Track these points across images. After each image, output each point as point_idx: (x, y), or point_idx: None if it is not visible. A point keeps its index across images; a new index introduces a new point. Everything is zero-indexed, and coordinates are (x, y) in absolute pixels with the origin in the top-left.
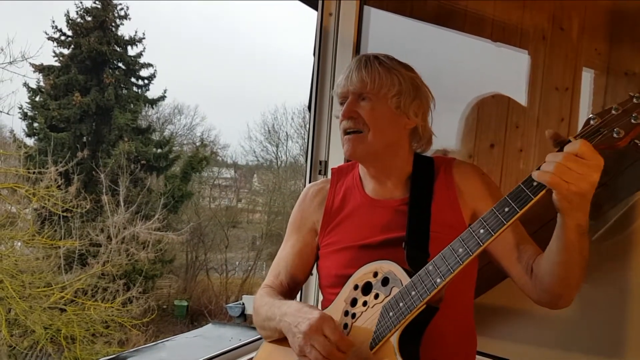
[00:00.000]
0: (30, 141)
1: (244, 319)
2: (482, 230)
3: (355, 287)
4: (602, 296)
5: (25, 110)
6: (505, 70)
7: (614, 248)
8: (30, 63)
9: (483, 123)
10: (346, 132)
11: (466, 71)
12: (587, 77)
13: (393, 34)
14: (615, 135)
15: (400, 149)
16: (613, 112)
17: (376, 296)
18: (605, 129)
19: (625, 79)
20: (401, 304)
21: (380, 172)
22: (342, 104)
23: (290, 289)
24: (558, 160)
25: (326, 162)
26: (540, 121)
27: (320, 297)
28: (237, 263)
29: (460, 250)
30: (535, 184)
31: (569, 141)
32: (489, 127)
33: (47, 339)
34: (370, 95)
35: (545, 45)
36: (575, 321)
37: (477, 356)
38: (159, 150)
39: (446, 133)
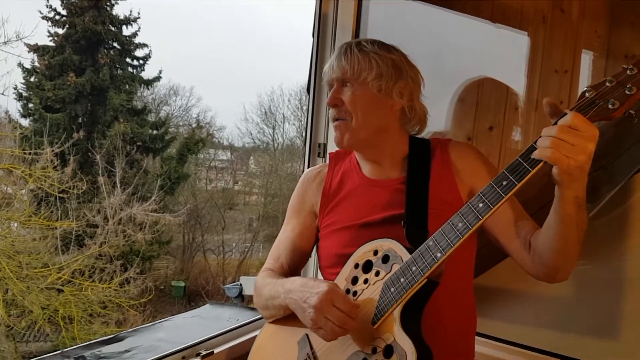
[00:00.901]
0: (25, 122)
1: (242, 300)
2: (481, 205)
3: (356, 266)
4: (598, 275)
5: (20, 91)
6: (505, 52)
7: (609, 226)
8: (24, 43)
9: (482, 105)
10: (334, 120)
11: (466, 53)
12: (587, 60)
13: (392, 16)
14: (610, 106)
15: (390, 130)
16: (607, 84)
17: (377, 273)
18: (600, 100)
19: (625, 62)
20: (402, 280)
21: (374, 155)
22: (329, 92)
23: (291, 272)
24: (552, 134)
25: (325, 145)
26: (540, 103)
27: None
28: (234, 245)
29: (460, 224)
30: (532, 156)
31: (565, 114)
32: (488, 109)
33: (44, 319)
34: (351, 80)
35: (545, 27)
36: (573, 301)
37: (475, 337)
38: (155, 132)
39: (445, 113)
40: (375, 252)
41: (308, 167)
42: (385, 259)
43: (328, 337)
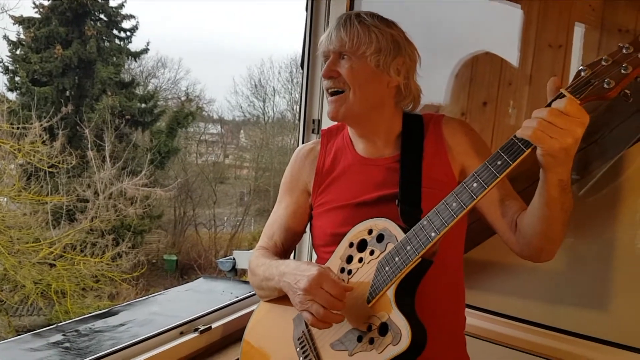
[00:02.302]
0: (12, 95)
1: (235, 274)
2: (475, 184)
3: (351, 245)
4: (588, 249)
5: (6, 64)
6: (498, 26)
7: (599, 202)
8: (9, 15)
9: (476, 81)
10: (329, 93)
11: (459, 27)
12: (580, 33)
13: None
14: (605, 85)
15: (385, 107)
16: (603, 63)
17: (371, 252)
18: (596, 79)
19: (619, 36)
20: (397, 259)
21: (368, 132)
22: (324, 62)
23: (285, 250)
24: (542, 116)
25: (319, 121)
26: (533, 78)
27: (314, 257)
28: (225, 218)
29: (454, 204)
30: (517, 135)
31: (561, 94)
32: (481, 85)
33: (37, 294)
34: (349, 53)
35: (539, 1)
36: (562, 274)
37: (465, 309)
38: (144, 105)
39: (440, 88)
40: (370, 231)
41: (303, 143)
42: (380, 238)
43: (313, 321)
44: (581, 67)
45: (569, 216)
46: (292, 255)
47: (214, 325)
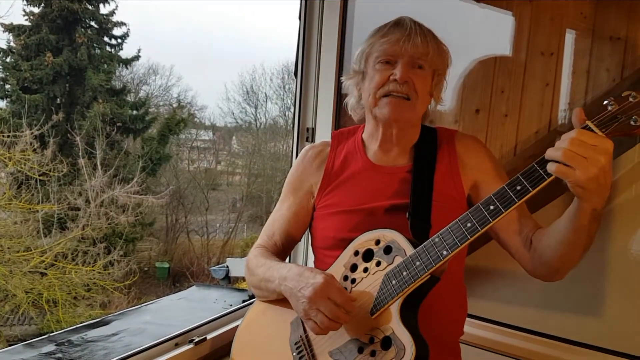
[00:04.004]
0: (2, 103)
1: (229, 282)
2: (492, 207)
3: (356, 253)
4: (584, 257)
5: None
6: (490, 33)
7: None
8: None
9: (468, 88)
10: (388, 94)
11: (450, 34)
12: (571, 40)
13: None
14: (632, 123)
15: (418, 121)
16: (631, 99)
17: (378, 263)
18: (622, 116)
19: (610, 44)
20: (405, 273)
21: (395, 139)
22: (386, 62)
23: (284, 250)
24: (564, 146)
25: (314, 129)
26: (526, 86)
27: (311, 257)
28: (217, 225)
29: (469, 224)
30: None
31: (586, 125)
32: (474, 92)
33: (28, 303)
34: (426, 65)
35: (530, 8)
36: (558, 282)
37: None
38: (135, 112)
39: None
40: (377, 242)
41: (296, 154)
42: (388, 250)
43: (316, 330)
44: (607, 101)
45: (593, 242)
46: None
47: (209, 337)
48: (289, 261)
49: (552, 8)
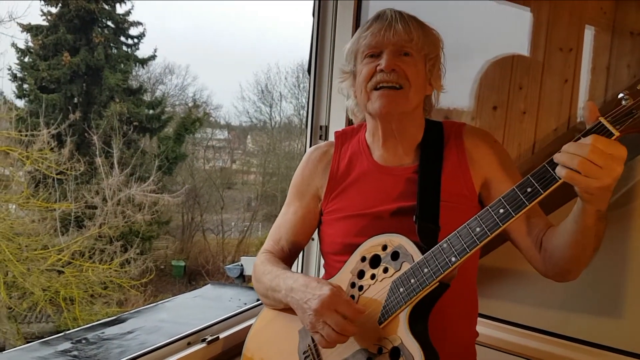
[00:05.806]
0: (20, 103)
1: (243, 280)
2: (501, 210)
3: (363, 259)
4: (600, 256)
5: (15, 72)
6: (507, 29)
7: (612, 208)
8: (17, 23)
9: (485, 85)
10: (379, 86)
11: (467, 30)
12: (590, 36)
13: None
14: None
15: (418, 113)
16: None
17: (385, 270)
18: (638, 111)
19: (631, 40)
20: (412, 281)
21: (397, 134)
22: (372, 55)
23: (291, 255)
24: (580, 154)
25: (327, 127)
26: (544, 82)
27: (321, 261)
28: (232, 224)
29: (478, 229)
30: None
31: (599, 122)
32: (491, 89)
33: (46, 301)
34: (413, 51)
35: (549, 3)
36: (574, 281)
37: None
38: (151, 111)
39: (449, 92)
40: (384, 247)
41: None
42: (395, 255)
43: (323, 344)
44: (622, 95)
45: (601, 242)
46: (300, 259)
47: (221, 336)
48: (302, 265)
49: (570, 4)
